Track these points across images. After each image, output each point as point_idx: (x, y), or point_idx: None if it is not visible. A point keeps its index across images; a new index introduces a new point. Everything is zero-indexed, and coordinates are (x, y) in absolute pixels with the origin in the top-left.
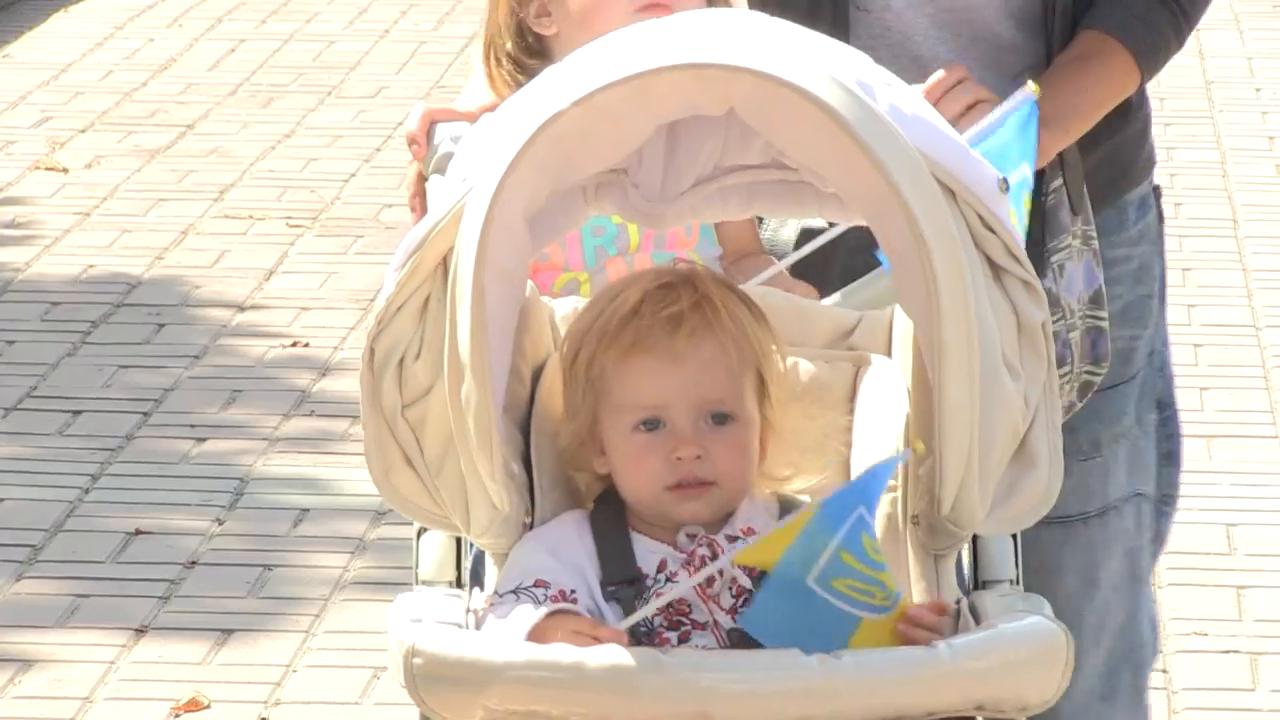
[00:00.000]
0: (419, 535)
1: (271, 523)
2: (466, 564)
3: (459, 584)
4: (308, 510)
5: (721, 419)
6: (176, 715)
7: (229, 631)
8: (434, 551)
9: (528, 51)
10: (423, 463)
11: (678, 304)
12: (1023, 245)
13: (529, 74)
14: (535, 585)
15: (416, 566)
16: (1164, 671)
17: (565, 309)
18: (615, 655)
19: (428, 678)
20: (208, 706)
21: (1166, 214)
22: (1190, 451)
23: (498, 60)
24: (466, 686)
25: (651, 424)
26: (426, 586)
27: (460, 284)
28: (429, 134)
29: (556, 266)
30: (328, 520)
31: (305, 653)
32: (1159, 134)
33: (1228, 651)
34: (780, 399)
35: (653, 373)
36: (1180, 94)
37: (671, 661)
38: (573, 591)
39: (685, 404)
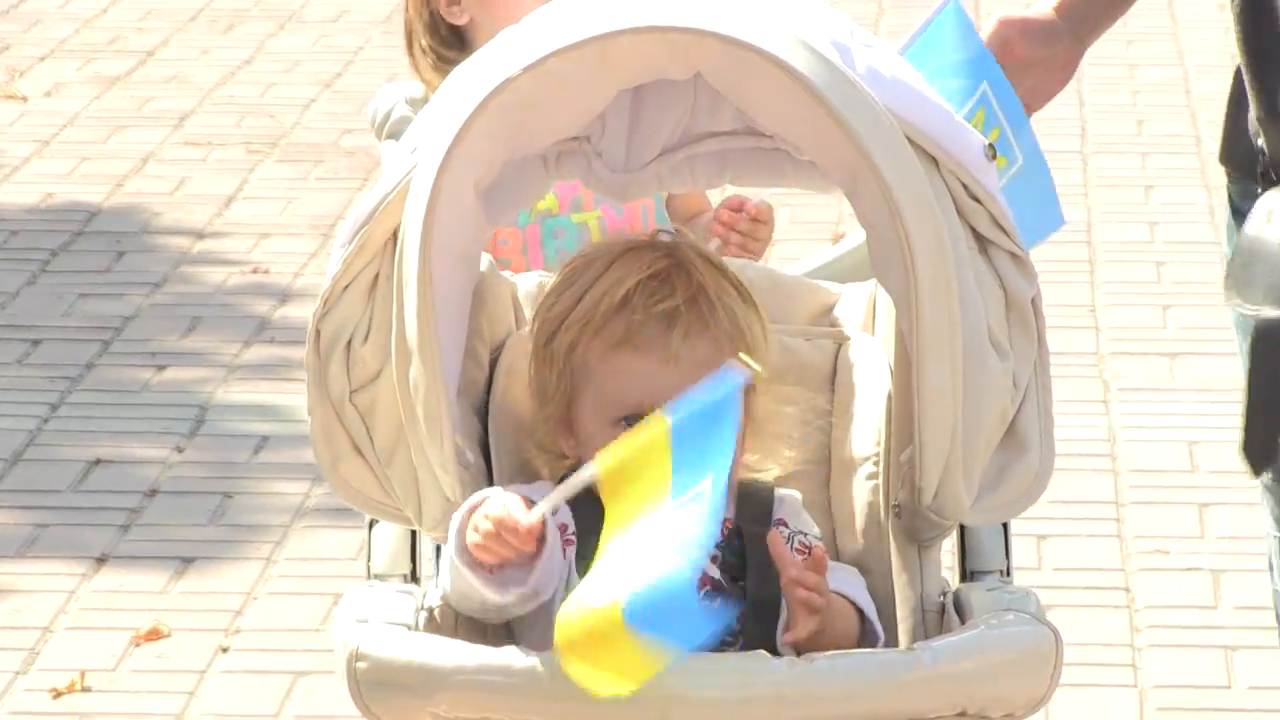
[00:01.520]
0: (371, 526)
1: (232, 450)
2: (427, 556)
3: (414, 578)
4: (268, 438)
5: None
6: (137, 644)
7: (189, 560)
8: (387, 543)
9: (444, 44)
10: (373, 451)
11: (672, 298)
12: (1010, 216)
13: (452, 65)
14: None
15: (369, 560)
16: (1126, 590)
17: (529, 285)
18: None
19: (372, 683)
20: (168, 635)
21: (1128, 132)
22: (1153, 369)
23: (422, 50)
24: (413, 693)
25: (634, 420)
26: (379, 581)
27: (406, 265)
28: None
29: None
30: (288, 447)
31: (266, 580)
32: (1120, 52)
33: (1190, 569)
34: (765, 390)
35: (644, 373)
36: (1142, 12)
37: None
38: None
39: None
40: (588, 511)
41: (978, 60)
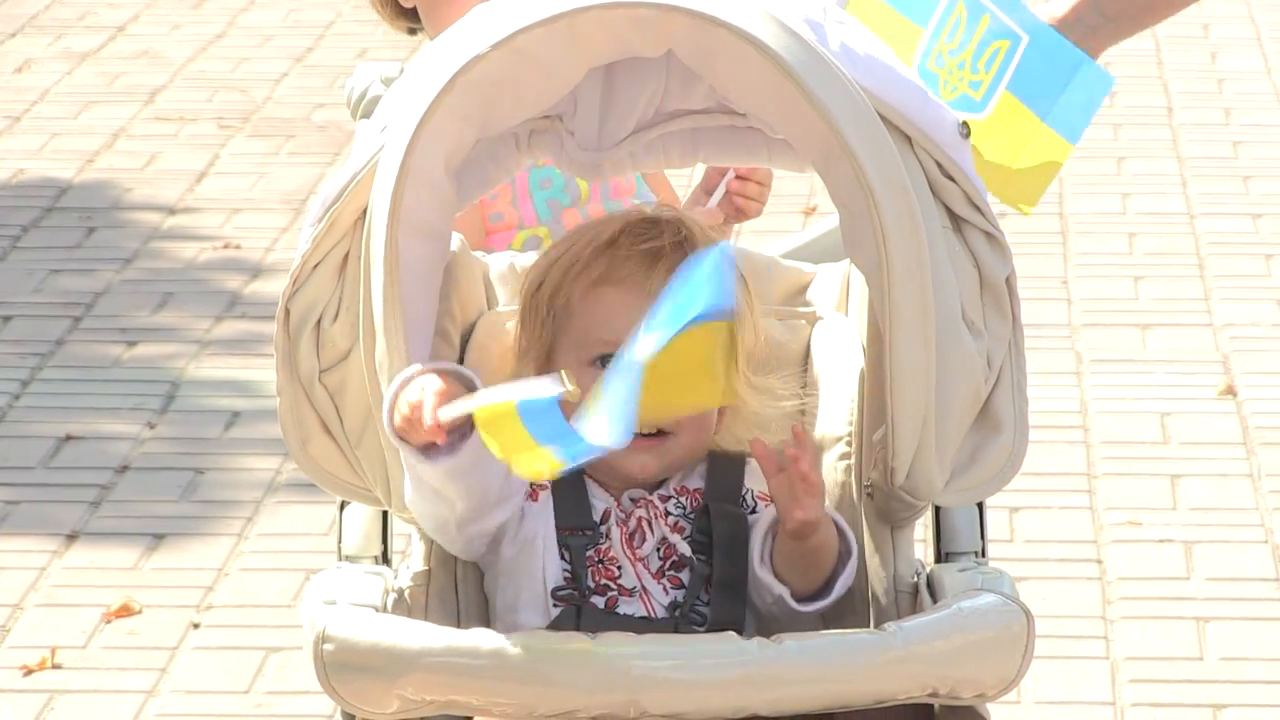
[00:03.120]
0: (342, 507)
1: (203, 426)
2: (398, 533)
3: (385, 559)
4: (239, 413)
5: None
6: (108, 621)
7: (160, 536)
8: (358, 525)
9: (399, 13)
10: (342, 432)
11: (659, 239)
12: (985, 194)
13: (409, 29)
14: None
15: (340, 541)
16: (1098, 562)
17: (501, 265)
18: (540, 642)
19: (339, 666)
20: (139, 612)
21: (1101, 106)
22: (1125, 341)
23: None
24: (380, 675)
25: (609, 360)
26: (349, 563)
27: (373, 242)
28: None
29: (511, 226)
30: (259, 423)
31: (237, 556)
32: None
33: (1162, 541)
34: (747, 370)
35: (622, 306)
36: None
37: (600, 649)
38: None
39: None
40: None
41: None
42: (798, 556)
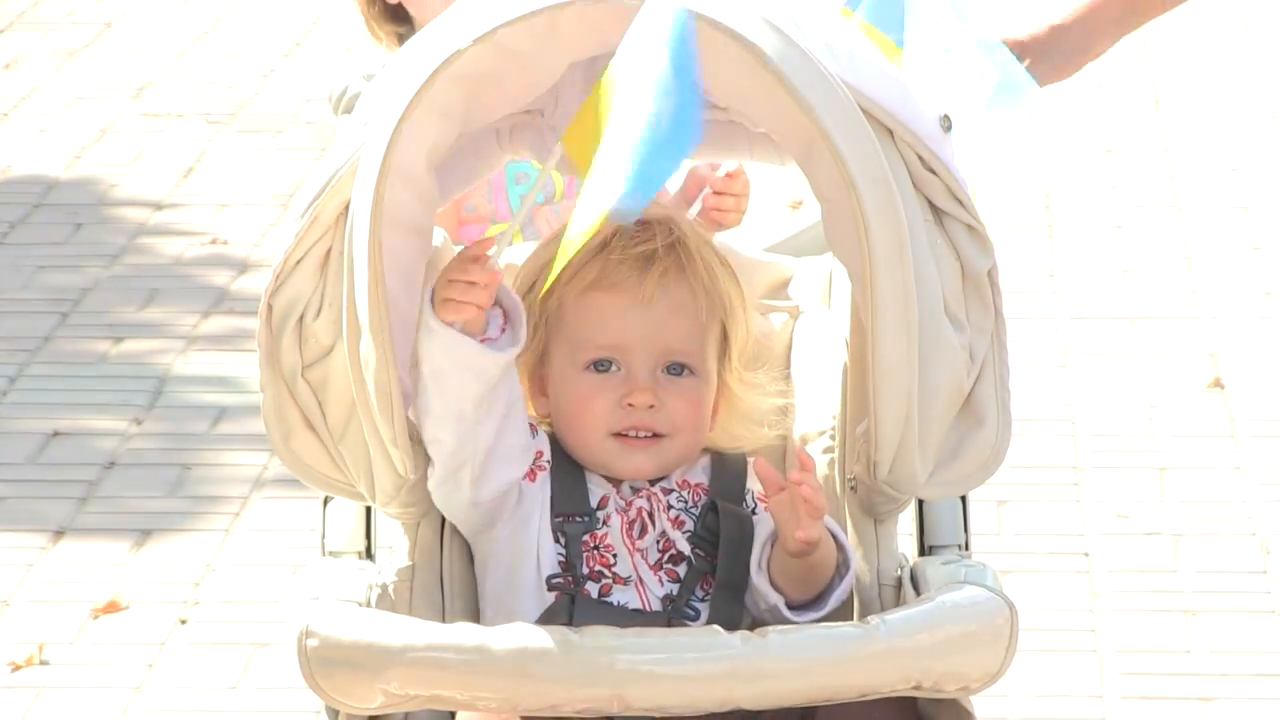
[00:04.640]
0: (326, 503)
1: (190, 422)
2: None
3: (369, 554)
4: (226, 408)
5: (679, 370)
6: (95, 617)
7: (148, 532)
8: (343, 520)
9: (388, 15)
10: (325, 427)
11: (651, 243)
12: (966, 187)
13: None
14: None
15: (324, 537)
16: (1085, 555)
17: None
18: (523, 636)
19: (322, 661)
20: (126, 608)
21: (1088, 97)
22: (1112, 333)
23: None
24: (363, 670)
25: (604, 365)
26: (333, 558)
27: (356, 239)
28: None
29: (485, 219)
30: (246, 418)
31: (225, 551)
32: None
33: (1150, 533)
34: (740, 367)
35: (616, 311)
36: None
37: (584, 643)
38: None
39: (645, 349)
40: (561, 453)
41: None
42: (795, 570)
